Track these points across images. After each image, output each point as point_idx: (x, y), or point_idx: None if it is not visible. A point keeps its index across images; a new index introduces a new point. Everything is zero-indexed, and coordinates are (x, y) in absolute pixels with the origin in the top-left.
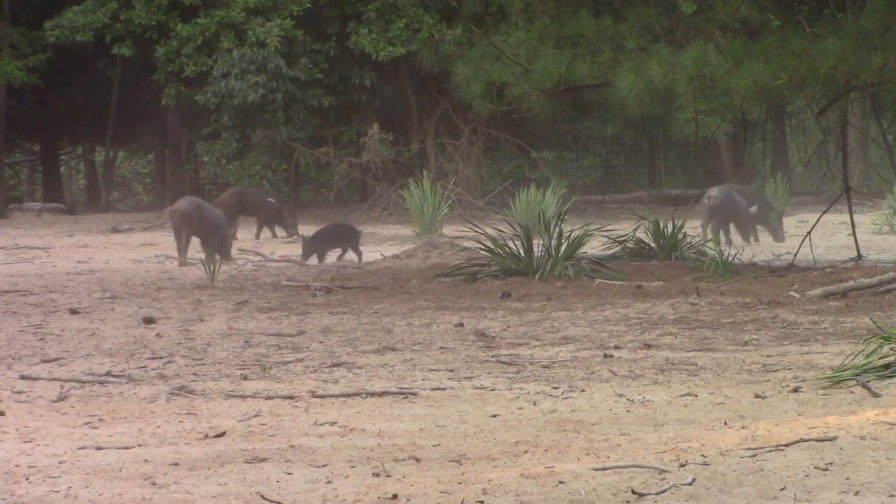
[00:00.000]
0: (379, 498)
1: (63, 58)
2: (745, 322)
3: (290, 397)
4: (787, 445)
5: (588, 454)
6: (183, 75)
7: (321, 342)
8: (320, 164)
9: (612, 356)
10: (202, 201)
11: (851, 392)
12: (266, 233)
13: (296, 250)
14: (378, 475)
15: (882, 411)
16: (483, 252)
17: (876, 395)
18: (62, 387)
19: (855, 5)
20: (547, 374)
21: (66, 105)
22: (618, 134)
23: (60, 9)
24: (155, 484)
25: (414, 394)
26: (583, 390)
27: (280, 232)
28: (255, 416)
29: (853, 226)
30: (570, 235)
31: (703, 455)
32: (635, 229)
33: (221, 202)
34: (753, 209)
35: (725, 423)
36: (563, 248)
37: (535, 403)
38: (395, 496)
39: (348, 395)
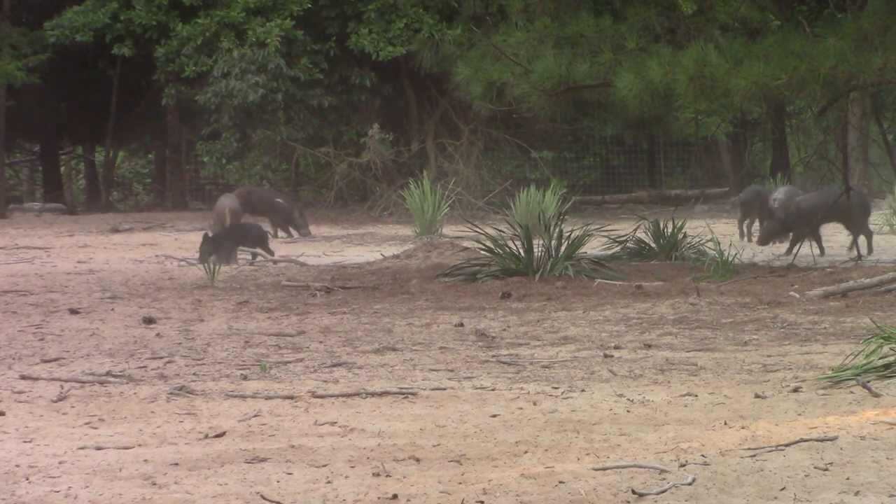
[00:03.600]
0: (379, 498)
1: (63, 58)
2: (745, 322)
3: (290, 397)
4: (787, 445)
5: (588, 454)
6: (183, 75)
7: (321, 342)
8: (320, 164)
9: (612, 356)
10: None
11: (851, 392)
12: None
13: (297, 250)
14: (378, 475)
15: (882, 411)
16: (483, 252)
17: (876, 395)
18: (62, 387)
19: (855, 5)
20: (547, 374)
21: (66, 105)
22: (618, 134)
23: (60, 9)
24: (155, 484)
25: (414, 394)
26: (583, 390)
27: (290, 232)
28: (255, 416)
29: None
30: (570, 235)
31: (703, 455)
32: (635, 229)
33: None
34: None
35: (725, 423)
36: (563, 248)
37: (535, 403)
38: (395, 496)
39: (348, 395)
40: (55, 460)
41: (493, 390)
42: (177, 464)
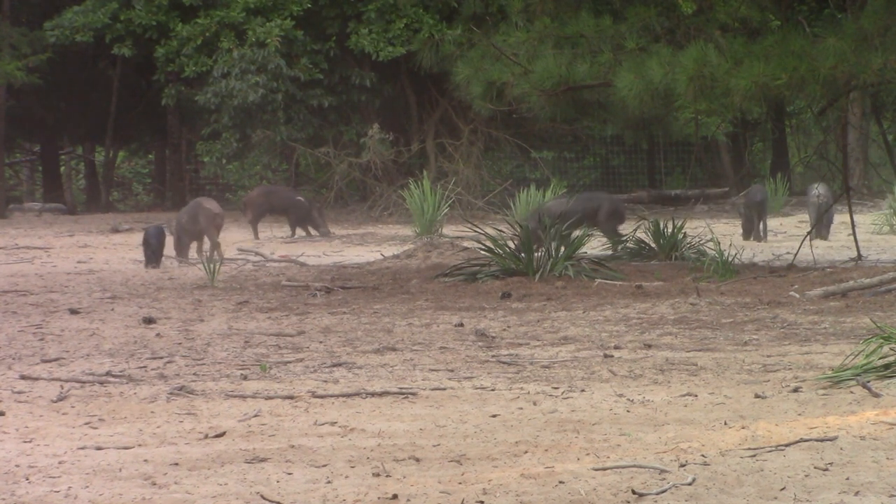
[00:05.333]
0: (379, 498)
1: (63, 58)
2: (745, 322)
3: (290, 397)
4: (787, 445)
5: (588, 454)
6: (183, 75)
7: (321, 342)
8: (320, 164)
9: (612, 356)
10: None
11: (851, 392)
12: (269, 231)
13: (297, 250)
14: (378, 475)
15: (882, 411)
16: (483, 252)
17: (876, 395)
18: (62, 387)
19: (855, 5)
20: (547, 374)
21: (66, 105)
22: (618, 134)
23: (60, 9)
24: (155, 484)
25: (414, 394)
26: (583, 390)
27: (308, 230)
28: (255, 416)
29: (853, 226)
30: (570, 235)
31: (703, 455)
32: (635, 229)
33: (248, 201)
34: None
35: (725, 423)
36: (563, 248)
37: (535, 403)
38: (395, 496)
39: (348, 395)
40: (55, 460)
41: (493, 390)
42: (177, 464)
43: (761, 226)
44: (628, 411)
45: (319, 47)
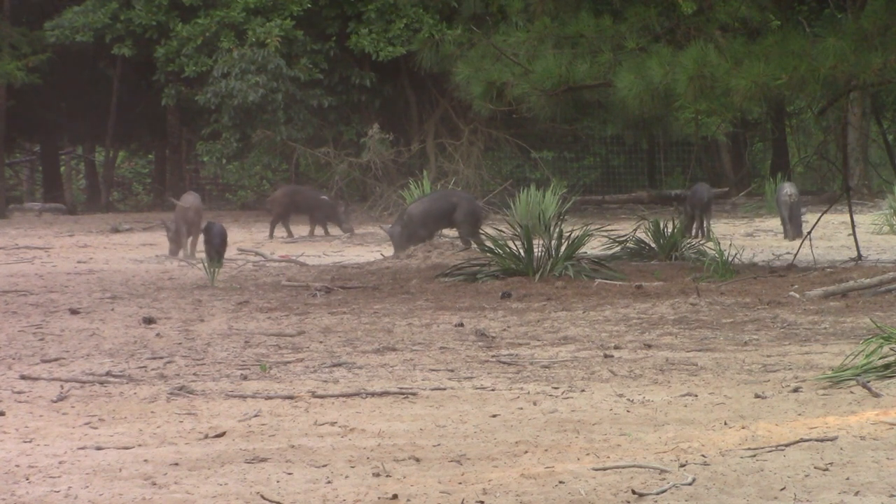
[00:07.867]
0: (379, 498)
1: (63, 58)
2: (745, 322)
3: (290, 397)
4: (787, 445)
5: (588, 454)
6: (183, 75)
7: (321, 342)
8: (320, 164)
9: (612, 356)
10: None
11: (851, 392)
12: (277, 230)
13: (297, 250)
14: (378, 475)
15: (882, 411)
16: (483, 252)
17: (876, 395)
18: (62, 387)
19: (855, 5)
20: (547, 374)
21: (66, 105)
22: (618, 134)
23: (60, 9)
24: (155, 484)
25: (414, 394)
26: (583, 390)
27: (327, 230)
28: (255, 416)
29: (853, 226)
30: (570, 235)
31: (703, 455)
32: (635, 229)
33: (273, 201)
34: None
35: (725, 423)
36: (563, 248)
37: (535, 403)
38: (395, 496)
39: (348, 395)
40: (55, 460)
41: (493, 390)
42: (177, 464)
43: (705, 225)
44: (628, 411)
45: (319, 47)
